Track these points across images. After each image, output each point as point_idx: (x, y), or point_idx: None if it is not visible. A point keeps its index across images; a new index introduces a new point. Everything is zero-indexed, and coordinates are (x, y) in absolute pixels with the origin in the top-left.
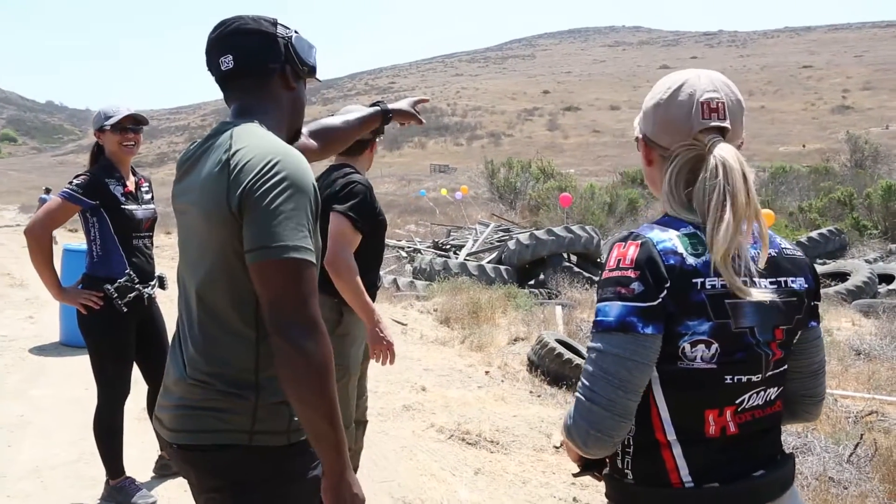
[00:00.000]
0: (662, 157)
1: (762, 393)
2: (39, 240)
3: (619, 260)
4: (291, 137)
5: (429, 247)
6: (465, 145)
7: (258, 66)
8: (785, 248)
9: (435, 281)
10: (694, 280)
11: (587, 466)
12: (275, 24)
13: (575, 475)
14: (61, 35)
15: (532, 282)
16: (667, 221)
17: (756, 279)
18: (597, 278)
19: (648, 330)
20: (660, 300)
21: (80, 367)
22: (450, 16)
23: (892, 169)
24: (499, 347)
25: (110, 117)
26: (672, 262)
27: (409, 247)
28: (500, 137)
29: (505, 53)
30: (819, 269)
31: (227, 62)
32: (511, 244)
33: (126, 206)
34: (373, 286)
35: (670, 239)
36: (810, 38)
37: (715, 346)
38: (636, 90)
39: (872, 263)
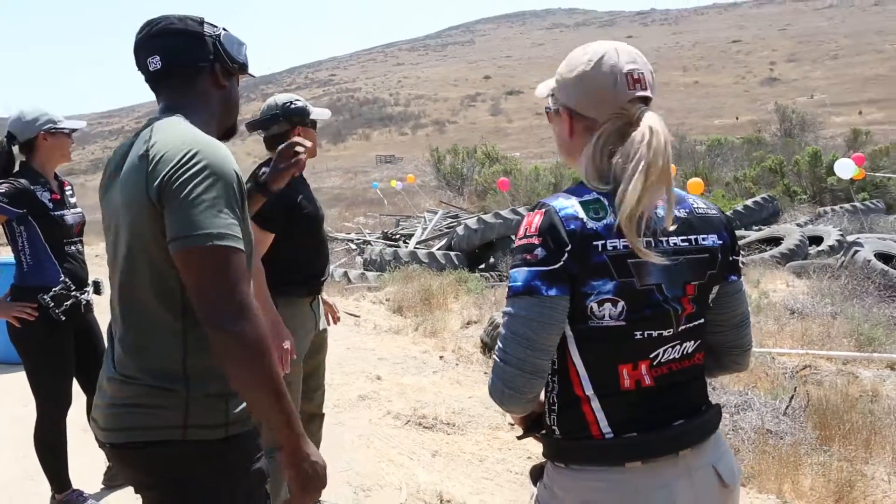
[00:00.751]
0: (586, 128)
1: (677, 347)
2: None
3: (526, 228)
4: (223, 135)
5: (378, 238)
6: (410, 134)
7: (186, 65)
8: (697, 208)
9: (386, 271)
10: (595, 242)
11: (529, 429)
12: (202, 22)
13: (519, 437)
14: None
15: (482, 266)
16: (572, 190)
17: (662, 238)
18: None
19: (552, 292)
20: (561, 263)
21: (14, 384)
22: (388, 5)
23: (818, 136)
24: (452, 332)
25: (55, 122)
26: (573, 226)
27: (358, 239)
28: (444, 125)
29: (444, 40)
30: (755, 235)
31: (154, 62)
32: (460, 230)
33: (55, 213)
34: (316, 279)
35: (572, 206)
36: (738, 14)
37: (621, 303)
38: None
39: (803, 227)
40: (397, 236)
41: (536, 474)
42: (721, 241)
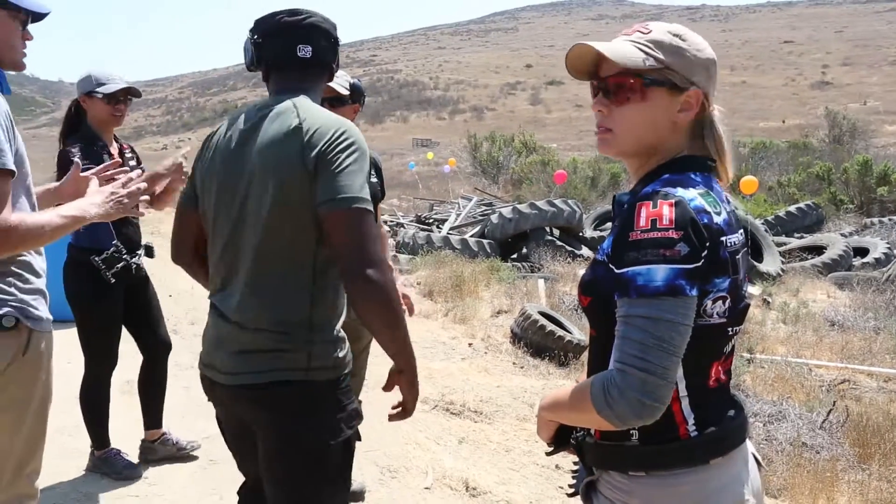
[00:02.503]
0: (698, 114)
1: (735, 339)
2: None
3: (655, 220)
4: None
5: (412, 221)
6: (448, 119)
7: (325, 62)
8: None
9: (418, 255)
10: (721, 238)
11: (559, 444)
12: (335, 27)
13: (548, 454)
14: None
15: (515, 255)
16: (674, 180)
17: (738, 232)
18: (579, 252)
19: (694, 292)
20: (703, 261)
21: (61, 339)
22: None
23: (869, 144)
24: (482, 320)
25: (103, 84)
26: (706, 220)
27: (392, 221)
28: (482, 111)
29: (488, 26)
30: (796, 242)
31: (305, 51)
32: (494, 218)
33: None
34: None
35: (696, 198)
36: (792, 13)
37: (728, 300)
38: None
39: (848, 237)
40: (431, 221)
41: (587, 491)
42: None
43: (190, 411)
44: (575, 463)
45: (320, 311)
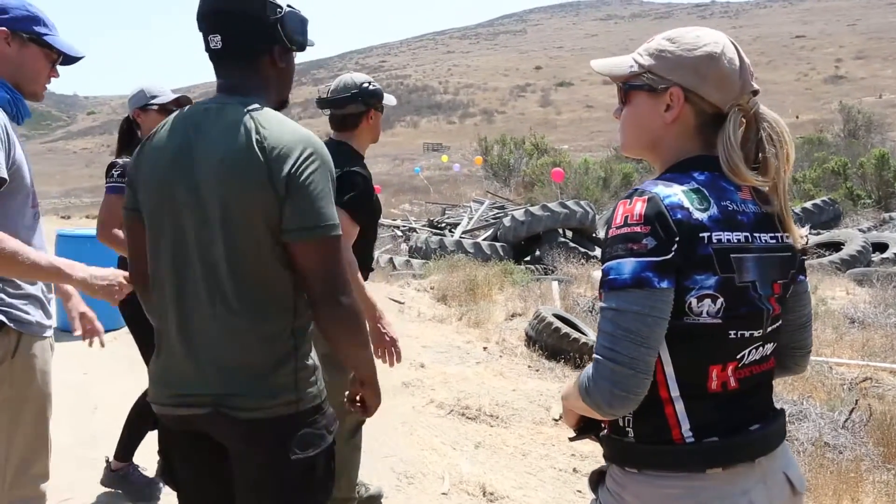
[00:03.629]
0: (698, 114)
1: (761, 348)
2: (113, 241)
3: (627, 217)
4: (279, 106)
5: (424, 225)
6: (458, 123)
7: (245, 49)
8: None
9: (431, 259)
10: (701, 234)
11: (583, 430)
12: (265, 2)
13: (571, 439)
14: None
15: (528, 258)
16: (670, 177)
17: (756, 234)
18: (592, 253)
19: (664, 284)
20: (672, 254)
21: (77, 350)
22: None
23: (886, 138)
24: (496, 323)
25: (156, 97)
26: (679, 216)
27: (404, 226)
28: (492, 114)
29: (496, 29)
30: (813, 239)
31: (215, 42)
32: (506, 221)
33: None
34: (367, 268)
35: (675, 194)
36: (803, 8)
37: (720, 300)
38: None
39: (866, 232)
40: (443, 225)
41: (597, 480)
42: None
43: None
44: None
45: (301, 336)
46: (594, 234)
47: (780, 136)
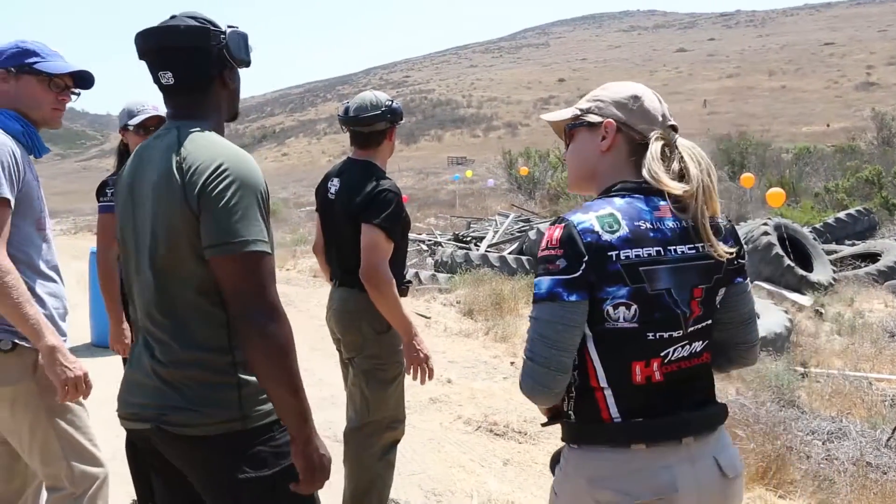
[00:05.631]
0: (629, 141)
1: (686, 346)
2: (103, 267)
3: (548, 241)
4: (230, 119)
5: (449, 239)
6: (482, 136)
7: (197, 80)
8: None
9: (457, 273)
10: (609, 253)
11: (553, 418)
12: (207, 32)
13: (543, 424)
14: (80, 41)
15: None
16: (589, 205)
17: (671, 247)
18: None
19: (573, 297)
20: (580, 272)
21: (110, 367)
22: (462, 7)
23: None
24: (523, 338)
25: (134, 116)
26: (589, 239)
27: (429, 240)
28: (516, 127)
29: (518, 43)
30: (848, 250)
31: (167, 78)
32: (532, 234)
33: None
34: (401, 282)
35: (588, 220)
36: (831, 15)
37: (634, 307)
38: (653, 74)
39: None
40: (468, 238)
41: (555, 461)
42: (727, 248)
43: None
44: None
45: (241, 352)
46: None
47: (700, 155)
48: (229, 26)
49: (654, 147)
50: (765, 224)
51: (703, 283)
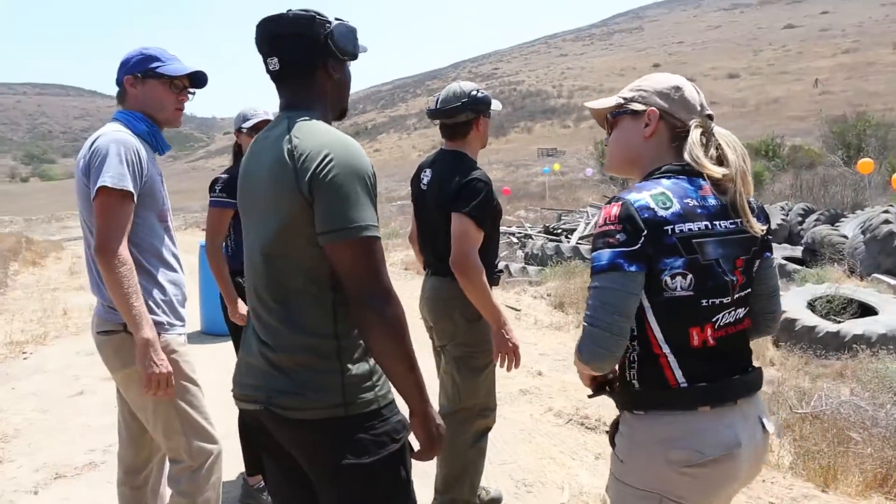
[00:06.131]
0: (670, 129)
1: (733, 312)
2: (211, 254)
3: (606, 218)
4: (339, 116)
5: (539, 232)
6: (573, 127)
7: (301, 66)
8: None
9: (547, 266)
10: (665, 227)
11: (598, 389)
12: (312, 20)
13: (590, 396)
14: (189, 50)
15: None
16: (640, 186)
17: (717, 221)
18: None
19: (632, 268)
20: (639, 245)
21: (220, 353)
22: None
23: None
24: None
25: (248, 119)
26: (646, 215)
27: (519, 232)
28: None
29: (610, 29)
30: None
31: (273, 64)
32: None
33: None
34: (492, 271)
35: (643, 198)
36: None
37: (690, 276)
38: (757, 55)
39: None
40: (559, 231)
41: (613, 432)
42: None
43: None
44: None
45: (347, 339)
46: None
47: (735, 142)
48: (337, 19)
49: (694, 134)
50: (885, 212)
51: (743, 254)
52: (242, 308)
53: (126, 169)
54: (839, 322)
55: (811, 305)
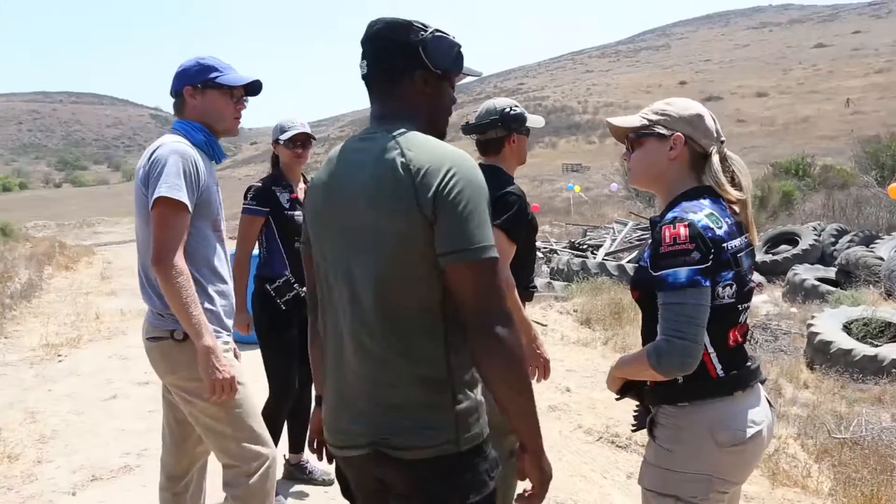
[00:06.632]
0: (692, 153)
1: (747, 311)
2: (240, 265)
3: (675, 238)
4: (435, 136)
5: (565, 247)
6: (598, 143)
7: (387, 73)
8: None
9: (573, 281)
10: (723, 245)
11: (624, 392)
12: (409, 26)
13: (617, 399)
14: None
15: None
16: (691, 205)
17: (741, 237)
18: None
19: (706, 283)
20: (710, 262)
21: (249, 360)
22: (577, 11)
23: None
24: None
25: (285, 131)
26: (710, 234)
27: (545, 247)
28: None
29: (637, 46)
30: None
31: (363, 67)
32: None
33: (289, 212)
34: (527, 288)
35: (702, 218)
36: None
37: (734, 286)
38: (786, 74)
39: None
40: (584, 246)
41: (651, 424)
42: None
43: None
44: (635, 409)
45: (458, 370)
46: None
47: (744, 166)
48: (437, 30)
49: (715, 159)
50: None
51: (753, 263)
52: (247, 318)
53: (183, 180)
54: (877, 346)
55: (846, 328)
